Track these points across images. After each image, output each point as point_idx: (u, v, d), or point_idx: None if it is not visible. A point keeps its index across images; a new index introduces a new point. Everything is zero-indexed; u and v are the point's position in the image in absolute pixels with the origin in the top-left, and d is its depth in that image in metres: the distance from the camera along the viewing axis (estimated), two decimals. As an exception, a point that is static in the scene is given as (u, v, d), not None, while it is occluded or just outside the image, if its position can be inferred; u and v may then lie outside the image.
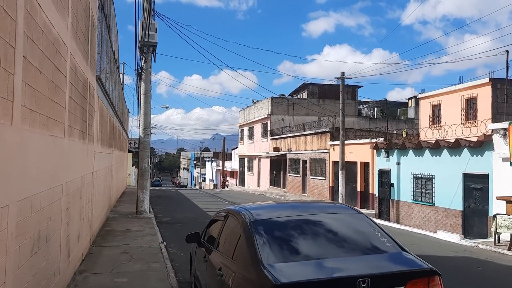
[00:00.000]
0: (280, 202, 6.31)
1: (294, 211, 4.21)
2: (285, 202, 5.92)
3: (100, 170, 10.92)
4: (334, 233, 3.77)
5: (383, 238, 3.74)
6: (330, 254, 3.45)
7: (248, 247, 3.57)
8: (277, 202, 5.66)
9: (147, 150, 15.13)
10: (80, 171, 7.16)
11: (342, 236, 3.74)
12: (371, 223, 4.01)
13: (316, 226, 3.83)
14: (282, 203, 5.48)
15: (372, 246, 3.61)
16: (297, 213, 4.11)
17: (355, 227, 3.89)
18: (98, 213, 10.76)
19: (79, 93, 6.66)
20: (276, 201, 6.88)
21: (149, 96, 15.10)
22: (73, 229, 6.47)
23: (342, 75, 19.21)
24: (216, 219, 5.15)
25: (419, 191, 14.44)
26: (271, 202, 5.32)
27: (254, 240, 3.59)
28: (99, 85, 9.76)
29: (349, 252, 3.50)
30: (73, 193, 6.43)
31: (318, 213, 4.13)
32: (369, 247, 3.59)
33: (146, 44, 14.49)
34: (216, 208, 18.59)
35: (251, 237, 3.64)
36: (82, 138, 7.24)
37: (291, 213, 4.11)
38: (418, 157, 14.49)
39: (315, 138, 25.30)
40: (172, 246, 9.93)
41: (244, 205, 4.89)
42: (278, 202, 5.72)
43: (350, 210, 4.28)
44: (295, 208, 4.39)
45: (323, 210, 4.29)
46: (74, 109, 6.27)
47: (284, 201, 6.50)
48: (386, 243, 3.67)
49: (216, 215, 5.19)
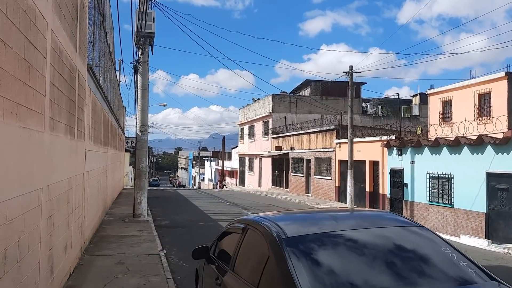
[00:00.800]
0: (310, 210, 5.16)
1: (336, 224, 3.24)
2: (317, 210, 4.79)
3: (93, 170, 9.94)
4: (396, 255, 2.81)
5: (462, 262, 2.79)
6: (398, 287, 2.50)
7: (282, 276, 2.62)
8: (305, 210, 4.62)
9: (144, 149, 14.15)
10: (68, 171, 6.19)
11: (409, 260, 2.77)
12: (440, 240, 3.05)
13: (371, 245, 2.87)
14: (314, 212, 4.43)
15: (453, 275, 2.65)
16: (342, 227, 3.15)
17: (421, 246, 2.93)
18: (91, 218, 9.79)
19: (64, 80, 5.69)
20: (303, 209, 5.73)
21: (147, 90, 14.13)
22: (58, 240, 5.50)
23: (350, 69, 18.27)
24: (230, 231, 4.17)
25: (436, 192, 13.51)
26: (299, 210, 4.30)
27: (290, 265, 2.63)
28: (90, 76, 8.79)
29: (424, 285, 2.54)
30: (58, 198, 5.46)
31: (368, 226, 3.16)
32: (449, 277, 2.63)
33: (143, 35, 13.51)
34: (218, 210, 17.68)
35: (284, 261, 2.69)
36: (70, 133, 6.27)
37: (333, 226, 3.15)
38: (435, 155, 13.56)
39: (319, 136, 24.35)
40: (173, 254, 8.97)
41: (266, 214, 3.94)
42: (306, 210, 4.68)
43: (407, 222, 3.31)
44: (336, 219, 3.41)
45: (373, 222, 3.32)
46: (58, 99, 5.30)
47: (314, 209, 5.22)
48: (467, 269, 2.72)
49: (230, 226, 4.20)
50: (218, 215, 15.65)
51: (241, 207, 18.58)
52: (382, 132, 20.88)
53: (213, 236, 11.39)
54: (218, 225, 13.07)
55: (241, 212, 16.71)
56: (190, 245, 10.33)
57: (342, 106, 32.44)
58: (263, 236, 3.13)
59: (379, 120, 33.82)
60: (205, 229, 12.40)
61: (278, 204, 20.70)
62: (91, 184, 9.58)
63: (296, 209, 4.14)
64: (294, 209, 5.74)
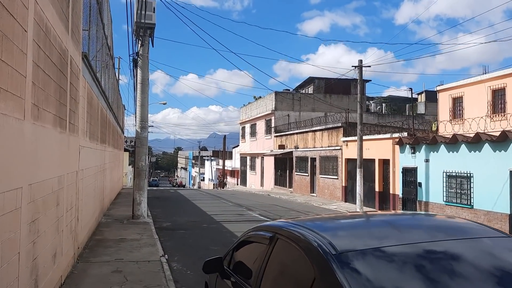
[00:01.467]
0: (351, 214, 4.27)
1: (400, 233, 2.47)
2: (360, 214, 3.84)
3: (88, 168, 9.19)
4: (500, 279, 2.05)
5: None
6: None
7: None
8: (343, 214, 3.81)
9: (144, 147, 13.39)
10: (57, 169, 5.43)
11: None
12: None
13: (461, 264, 2.11)
14: (360, 217, 3.53)
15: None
16: (410, 237, 2.38)
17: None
18: (87, 220, 9.03)
19: (53, 64, 4.93)
20: (344, 213, 4.75)
21: (147, 85, 13.36)
22: (44, 248, 4.74)
23: (359, 63, 17.51)
24: (250, 240, 3.39)
25: (453, 192, 12.75)
26: (337, 215, 3.49)
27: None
28: (85, 65, 8.03)
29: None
30: (45, 199, 4.70)
31: (445, 237, 2.38)
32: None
33: (143, 26, 12.74)
34: (221, 211, 16.91)
35: (338, 287, 1.93)
36: (60, 126, 5.51)
37: (398, 237, 2.38)
38: (452, 153, 12.81)
39: (325, 134, 23.59)
40: (176, 260, 8.21)
41: (297, 219, 3.18)
42: (345, 214, 3.86)
43: (497, 233, 2.52)
44: (397, 227, 2.62)
45: (448, 231, 2.53)
46: (45, 84, 4.55)
47: (355, 213, 4.23)
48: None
49: (251, 234, 3.41)
50: (221, 217, 14.90)
51: (245, 208, 17.82)
52: (390, 130, 20.12)
53: (218, 239, 10.72)
54: (223, 227, 12.32)
55: (245, 213, 15.97)
56: (194, 249, 9.61)
57: (346, 104, 31.69)
58: (302, 250, 2.37)
59: (383, 118, 33.06)
60: (209, 231, 11.65)
61: (283, 205, 19.95)
62: (86, 184, 8.82)
63: (326, 213, 3.48)
64: (323, 214, 4.78)
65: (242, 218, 14.59)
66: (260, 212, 16.34)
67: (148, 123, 13.56)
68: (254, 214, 15.61)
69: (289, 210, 17.64)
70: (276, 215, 15.35)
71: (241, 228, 12.17)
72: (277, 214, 15.84)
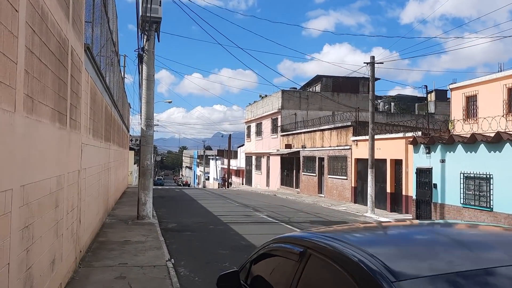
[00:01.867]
0: (398, 223, 3.63)
1: (472, 253, 1.95)
2: (407, 224, 3.12)
3: (92, 167, 8.76)
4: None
5: None
6: None
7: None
8: (389, 223, 3.26)
9: (149, 145, 12.96)
10: (56, 168, 4.99)
11: None
12: None
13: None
14: (412, 225, 2.92)
15: None
16: (491, 258, 1.88)
17: None
18: (89, 222, 8.60)
19: (50, 53, 4.49)
20: (382, 222, 3.99)
21: (152, 81, 12.93)
22: (40, 256, 4.30)
23: (371, 59, 16.99)
24: (274, 253, 2.90)
25: (471, 193, 12.21)
26: (381, 224, 2.98)
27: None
28: (88, 58, 7.59)
29: None
30: (41, 202, 4.26)
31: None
32: None
33: (148, 20, 12.30)
34: (227, 211, 16.45)
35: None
36: (60, 121, 5.08)
37: (473, 259, 1.87)
38: (470, 153, 12.27)
39: (334, 133, 23.06)
40: (182, 265, 7.75)
41: (329, 229, 2.70)
42: (389, 224, 3.33)
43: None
44: (467, 245, 2.08)
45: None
46: (41, 74, 4.10)
47: (402, 223, 3.51)
48: None
49: (274, 246, 2.89)
50: (228, 217, 14.45)
51: (252, 208, 17.36)
52: (401, 129, 19.56)
53: (226, 242, 10.25)
54: (230, 229, 11.87)
55: (252, 214, 15.50)
56: (201, 253, 9.14)
57: (355, 103, 31.15)
58: (347, 274, 1.88)
59: (392, 117, 32.43)
60: (216, 233, 11.20)
61: (290, 205, 19.47)
62: (89, 183, 8.40)
63: (362, 222, 3.01)
64: (357, 223, 4.16)
65: (250, 220, 14.13)
66: (268, 213, 15.87)
67: (153, 121, 13.13)
68: (261, 215, 15.14)
69: (297, 211, 17.15)
70: (284, 217, 14.88)
71: (249, 230, 11.71)
72: (285, 215, 15.37)
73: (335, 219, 14.97)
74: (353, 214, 16.81)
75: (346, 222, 14.06)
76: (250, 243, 9.80)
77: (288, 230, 12.00)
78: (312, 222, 13.63)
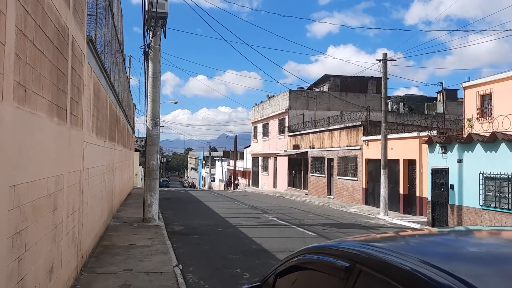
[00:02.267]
0: (467, 230, 3.08)
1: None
2: (471, 229, 2.63)
3: (95, 167, 8.34)
4: None
5: None
6: None
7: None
8: (450, 229, 2.77)
9: (155, 145, 12.54)
10: (54, 167, 4.55)
11: None
12: None
13: None
14: (482, 233, 2.49)
15: None
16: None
17: None
18: (93, 225, 8.18)
19: (47, 38, 4.05)
20: (440, 229, 3.36)
21: (159, 79, 12.50)
22: (35, 265, 3.86)
23: (384, 56, 16.46)
24: (306, 266, 2.40)
25: (491, 195, 11.65)
26: (441, 230, 2.49)
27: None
28: (91, 51, 7.17)
29: None
30: (35, 204, 3.81)
31: None
32: None
33: (154, 16, 11.89)
34: (235, 213, 15.96)
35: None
36: (58, 116, 4.64)
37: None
38: (490, 153, 11.71)
39: (343, 133, 22.53)
40: (191, 271, 7.29)
41: (383, 237, 2.23)
42: (455, 229, 2.82)
43: None
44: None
45: None
46: (36, 61, 3.67)
47: (467, 229, 2.92)
48: None
49: (306, 257, 2.40)
50: (237, 220, 13.98)
51: (261, 210, 16.88)
52: (413, 128, 19.00)
53: (236, 246, 9.73)
54: (239, 232, 11.40)
55: (262, 216, 15.02)
56: (211, 258, 8.64)
57: (363, 103, 30.62)
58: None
59: (401, 117, 31.82)
60: (225, 236, 10.74)
61: (300, 207, 18.96)
62: (92, 184, 7.97)
63: (405, 229, 2.64)
64: (402, 230, 3.58)
65: (259, 222, 13.65)
66: (277, 215, 15.38)
67: (159, 120, 12.70)
68: (271, 218, 14.66)
69: (307, 213, 16.65)
70: (295, 219, 14.39)
71: (260, 233, 11.24)
72: (295, 217, 14.87)
73: (347, 221, 14.45)
74: (365, 216, 16.27)
75: (360, 225, 13.54)
76: (261, 247, 9.32)
77: (300, 233, 11.51)
78: (324, 225, 13.12)
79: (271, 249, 9.04)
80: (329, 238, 10.70)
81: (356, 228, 12.87)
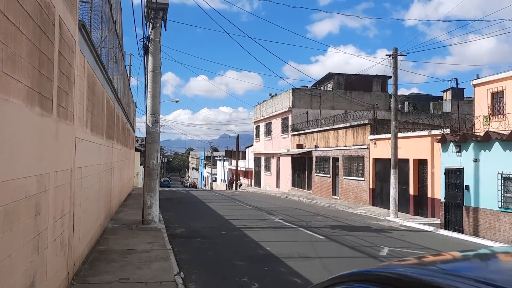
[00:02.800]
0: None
1: None
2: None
3: (90, 166, 7.71)
4: None
5: None
6: None
7: None
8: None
9: (156, 143, 11.91)
10: (36, 164, 3.92)
11: None
12: None
13: None
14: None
15: None
16: None
17: None
18: (87, 229, 7.54)
19: (25, 12, 3.42)
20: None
21: (159, 73, 11.88)
22: (7, 282, 3.22)
23: (394, 51, 15.81)
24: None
25: (510, 196, 11.01)
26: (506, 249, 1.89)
27: None
28: (84, 39, 6.54)
29: None
30: (9, 209, 3.18)
31: None
32: None
33: (154, 7, 11.28)
34: (239, 215, 15.29)
35: None
36: (41, 106, 4.01)
37: None
38: (509, 152, 11.06)
39: (349, 132, 21.87)
40: (194, 279, 6.65)
41: (457, 260, 1.60)
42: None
43: None
44: None
45: None
46: (9, 37, 3.04)
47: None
48: None
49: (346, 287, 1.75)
50: (241, 222, 13.35)
51: (265, 212, 16.23)
52: (422, 127, 18.34)
53: (242, 251, 8.92)
54: (245, 235, 10.76)
55: (267, 218, 14.38)
56: (215, 264, 7.92)
57: (368, 101, 29.94)
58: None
59: (407, 116, 31.17)
60: (230, 240, 10.10)
61: (305, 208, 18.31)
62: (87, 185, 7.34)
63: (471, 249, 2.11)
64: (468, 249, 2.92)
65: (265, 224, 13.01)
66: (283, 216, 14.74)
67: (160, 117, 12.07)
68: (276, 219, 14.02)
69: (314, 214, 16.00)
70: (301, 221, 13.74)
71: (266, 236, 10.60)
72: (302, 219, 14.23)
73: (357, 223, 13.79)
74: (374, 218, 15.62)
75: (370, 227, 12.88)
76: (269, 252, 8.69)
77: (309, 236, 10.87)
78: (333, 227, 12.47)
79: (280, 255, 8.40)
80: (341, 242, 10.05)
81: (367, 231, 12.22)
